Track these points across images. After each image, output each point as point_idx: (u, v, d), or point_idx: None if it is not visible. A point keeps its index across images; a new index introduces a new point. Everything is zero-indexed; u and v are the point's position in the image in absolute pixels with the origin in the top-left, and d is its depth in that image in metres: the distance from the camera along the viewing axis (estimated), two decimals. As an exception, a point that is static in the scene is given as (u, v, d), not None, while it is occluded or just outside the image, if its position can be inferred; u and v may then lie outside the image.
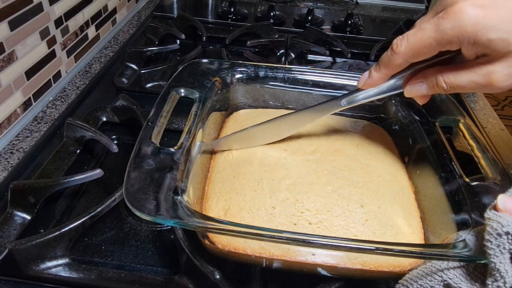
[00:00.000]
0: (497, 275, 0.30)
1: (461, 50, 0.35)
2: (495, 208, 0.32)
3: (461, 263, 0.34)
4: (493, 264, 0.30)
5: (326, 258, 0.40)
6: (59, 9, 0.74)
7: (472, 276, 0.33)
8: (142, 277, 0.43)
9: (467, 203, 0.40)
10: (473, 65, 0.35)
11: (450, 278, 0.33)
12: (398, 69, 0.40)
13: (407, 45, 0.37)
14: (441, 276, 0.34)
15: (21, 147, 0.61)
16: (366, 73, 0.42)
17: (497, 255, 0.30)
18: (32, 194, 0.48)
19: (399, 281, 0.38)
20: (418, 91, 0.40)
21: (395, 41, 0.38)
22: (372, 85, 0.42)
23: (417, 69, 0.40)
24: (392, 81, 0.42)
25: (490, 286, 0.30)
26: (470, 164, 0.46)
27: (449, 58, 0.38)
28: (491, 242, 0.30)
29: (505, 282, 0.30)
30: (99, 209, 0.45)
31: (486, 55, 0.34)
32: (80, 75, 0.80)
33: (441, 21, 0.34)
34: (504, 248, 0.30)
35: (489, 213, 0.32)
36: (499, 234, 0.30)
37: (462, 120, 0.51)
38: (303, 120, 0.49)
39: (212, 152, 0.53)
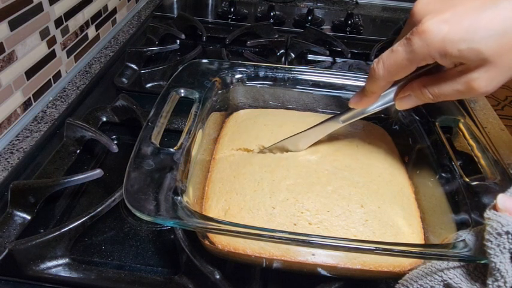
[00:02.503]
0: (498, 274, 0.30)
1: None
2: (495, 208, 0.32)
3: (461, 263, 0.34)
4: (493, 264, 0.30)
5: (326, 259, 0.40)
6: (59, 9, 0.74)
7: (472, 276, 0.33)
8: (142, 277, 0.43)
9: (467, 202, 0.40)
10: (453, 74, 0.36)
11: (450, 278, 0.33)
12: (385, 89, 0.41)
13: (384, 68, 0.38)
14: (441, 276, 0.34)
15: (21, 147, 0.61)
16: (357, 95, 0.43)
17: (497, 254, 0.30)
18: (32, 194, 0.48)
19: (399, 281, 0.38)
20: (407, 104, 0.41)
21: (372, 65, 0.39)
22: (364, 106, 0.44)
23: (405, 82, 0.41)
24: (383, 97, 0.43)
25: (490, 286, 0.30)
26: (471, 164, 0.46)
27: (434, 67, 0.38)
28: (491, 241, 0.31)
29: (505, 282, 0.30)
30: (99, 209, 0.45)
31: (463, 63, 0.35)
32: (80, 75, 0.80)
33: (410, 42, 0.35)
34: (504, 248, 0.30)
35: (489, 213, 0.32)
36: (499, 234, 0.30)
37: (462, 120, 0.51)
38: (303, 142, 0.50)
39: (212, 152, 0.53)
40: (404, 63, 0.36)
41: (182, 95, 0.53)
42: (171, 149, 0.43)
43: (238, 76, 0.59)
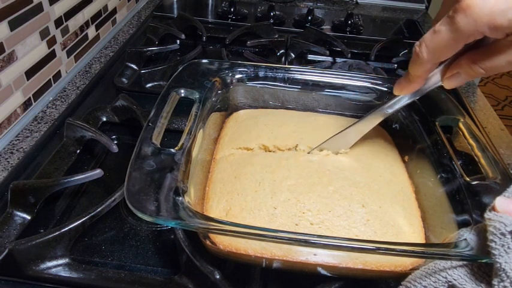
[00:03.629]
0: (503, 275, 0.30)
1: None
2: (494, 209, 0.32)
3: (465, 263, 0.33)
4: (498, 265, 0.30)
5: (327, 258, 0.40)
6: (59, 9, 0.74)
7: (476, 276, 0.32)
8: (142, 277, 0.43)
9: (468, 202, 0.40)
10: (506, 45, 0.34)
11: (455, 279, 0.33)
12: (431, 72, 0.39)
13: (429, 51, 0.36)
14: (445, 278, 0.33)
15: (21, 147, 0.61)
16: (401, 81, 0.41)
17: (502, 255, 0.30)
18: (32, 194, 0.48)
19: (402, 283, 0.37)
20: (457, 82, 0.39)
21: (415, 49, 0.37)
22: (410, 91, 0.42)
23: (451, 59, 0.39)
24: (429, 79, 0.41)
25: (496, 286, 0.30)
26: (470, 163, 0.46)
27: (480, 40, 0.36)
28: (495, 242, 0.30)
29: (511, 282, 0.29)
30: (99, 209, 0.45)
31: None
32: (80, 75, 0.80)
33: (453, 20, 0.33)
34: (509, 248, 0.30)
35: (489, 214, 0.32)
36: (503, 234, 0.30)
37: (462, 120, 0.51)
38: (347, 140, 0.50)
39: (213, 152, 0.53)
40: (450, 43, 0.34)
41: (182, 95, 0.52)
42: (172, 150, 0.43)
43: (238, 76, 0.58)
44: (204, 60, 0.59)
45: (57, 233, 0.42)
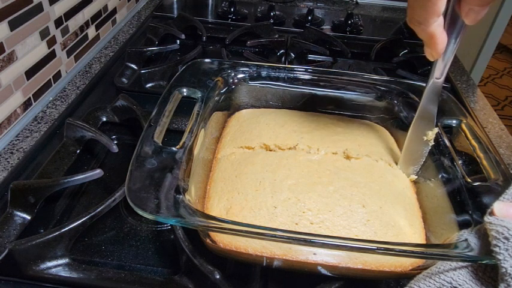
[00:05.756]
0: (510, 279, 0.29)
1: None
2: (493, 214, 0.32)
3: (467, 265, 0.33)
4: (504, 270, 0.30)
5: (327, 258, 0.40)
6: (59, 9, 0.74)
7: (482, 281, 0.32)
8: (142, 277, 0.43)
9: (469, 203, 0.40)
10: None
11: (460, 285, 0.32)
12: (441, 25, 0.37)
13: (420, 15, 0.35)
14: (450, 283, 0.33)
15: (21, 147, 0.61)
16: (425, 49, 0.40)
17: (507, 259, 0.30)
18: (32, 194, 0.48)
19: None
20: (476, 16, 0.37)
21: (409, 24, 0.36)
22: (441, 51, 0.40)
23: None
24: (452, 29, 0.39)
25: None
26: (470, 164, 0.46)
27: None
28: (499, 246, 0.30)
29: None
30: (99, 209, 0.45)
31: None
32: (80, 75, 0.80)
33: None
34: None
35: (490, 218, 0.31)
36: (507, 238, 0.30)
37: (465, 121, 0.51)
38: (429, 122, 0.48)
39: (214, 152, 0.53)
40: None
41: (185, 94, 0.52)
42: (174, 148, 0.43)
43: (240, 76, 0.58)
44: (207, 60, 0.59)
45: (57, 233, 0.42)
